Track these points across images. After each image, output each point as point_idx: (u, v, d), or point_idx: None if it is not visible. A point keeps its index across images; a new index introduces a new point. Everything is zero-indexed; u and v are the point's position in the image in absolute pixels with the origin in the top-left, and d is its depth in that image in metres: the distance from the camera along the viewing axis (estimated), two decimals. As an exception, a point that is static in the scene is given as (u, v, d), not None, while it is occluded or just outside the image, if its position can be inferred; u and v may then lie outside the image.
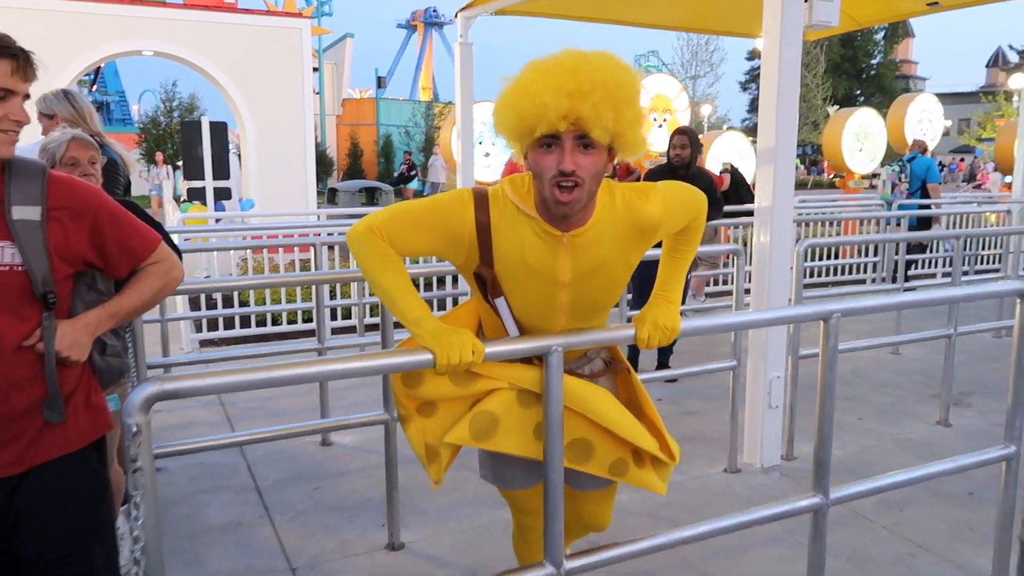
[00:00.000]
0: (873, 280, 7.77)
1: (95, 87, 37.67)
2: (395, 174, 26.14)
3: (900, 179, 8.21)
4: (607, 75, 1.52)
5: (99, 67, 36.22)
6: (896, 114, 11.86)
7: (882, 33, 44.18)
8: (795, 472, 3.65)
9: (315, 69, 27.38)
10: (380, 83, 35.17)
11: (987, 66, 58.68)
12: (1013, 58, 49.60)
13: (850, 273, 8.71)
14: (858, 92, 43.54)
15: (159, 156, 15.73)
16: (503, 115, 1.60)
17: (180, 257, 2.54)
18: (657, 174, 5.14)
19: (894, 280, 8.05)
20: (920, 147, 8.56)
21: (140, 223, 1.79)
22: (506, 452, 1.81)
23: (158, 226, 2.37)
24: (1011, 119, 24.20)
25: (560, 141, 1.54)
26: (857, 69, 43.90)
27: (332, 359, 1.50)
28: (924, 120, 11.82)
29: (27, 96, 1.59)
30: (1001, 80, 49.08)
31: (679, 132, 5.05)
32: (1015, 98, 29.21)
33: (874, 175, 10.79)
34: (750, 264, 4.03)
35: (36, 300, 1.59)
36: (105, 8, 11.71)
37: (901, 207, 8.04)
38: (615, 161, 1.69)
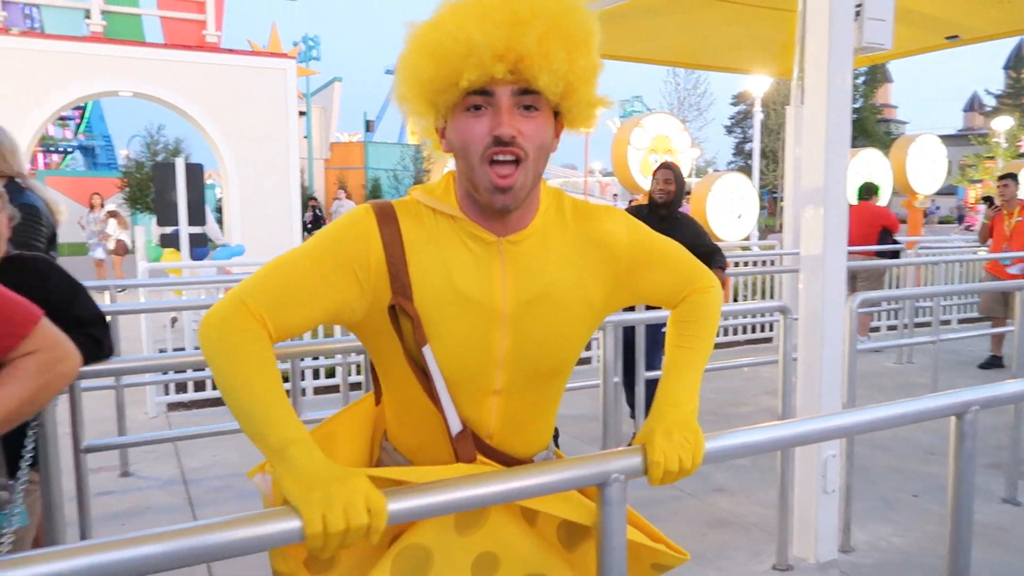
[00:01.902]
0: (905, 326, 7.19)
1: (80, 132, 37.34)
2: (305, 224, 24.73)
3: None
4: (552, 2, 1.10)
5: (83, 110, 36.04)
6: (898, 155, 11.56)
7: (862, 79, 44.73)
8: (856, 569, 3.08)
9: (303, 113, 27.10)
10: (368, 127, 35.01)
11: (964, 110, 59.77)
12: (989, 102, 50.47)
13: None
14: (843, 136, 43.84)
15: (96, 200, 13.23)
16: (411, 66, 1.13)
17: (106, 327, 2.01)
18: (634, 214, 4.57)
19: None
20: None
21: (10, 297, 1.26)
22: None
23: (75, 291, 1.83)
24: (1009, 160, 24.27)
25: (494, 99, 1.11)
26: (842, 113, 44.31)
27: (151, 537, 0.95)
28: (926, 160, 11.52)
29: None
30: (979, 123, 49.85)
31: (664, 167, 4.41)
32: (1001, 139, 29.50)
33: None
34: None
35: None
36: (82, 47, 11.30)
37: None
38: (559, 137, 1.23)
